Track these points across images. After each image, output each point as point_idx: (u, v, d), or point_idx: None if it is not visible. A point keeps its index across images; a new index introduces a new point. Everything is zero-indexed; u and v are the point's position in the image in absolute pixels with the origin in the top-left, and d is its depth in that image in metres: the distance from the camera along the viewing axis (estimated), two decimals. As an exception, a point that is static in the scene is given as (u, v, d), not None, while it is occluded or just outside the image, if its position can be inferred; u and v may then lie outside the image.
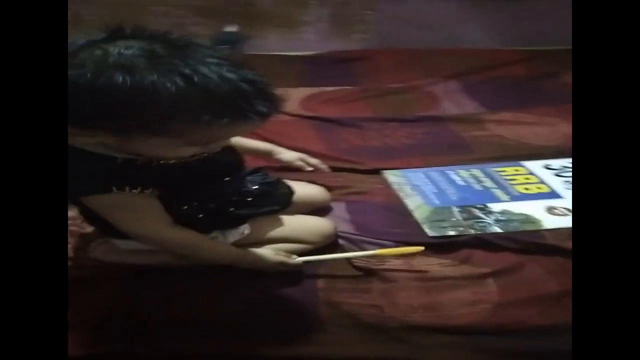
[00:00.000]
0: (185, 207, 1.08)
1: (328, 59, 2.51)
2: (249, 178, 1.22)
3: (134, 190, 0.98)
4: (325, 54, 2.56)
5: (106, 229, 1.11)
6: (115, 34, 0.87)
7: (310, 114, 1.95)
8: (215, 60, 0.85)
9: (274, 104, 0.90)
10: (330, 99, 2.09)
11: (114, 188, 0.96)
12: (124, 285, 1.12)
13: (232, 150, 1.15)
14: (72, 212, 1.28)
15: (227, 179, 1.14)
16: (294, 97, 2.08)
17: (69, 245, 1.21)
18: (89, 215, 1.12)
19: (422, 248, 1.20)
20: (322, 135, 1.80)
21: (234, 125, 0.88)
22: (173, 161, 1.00)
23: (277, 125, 1.82)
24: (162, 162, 0.99)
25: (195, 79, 0.82)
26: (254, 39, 2.70)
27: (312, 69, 2.41)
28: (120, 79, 0.80)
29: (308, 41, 2.74)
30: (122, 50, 0.83)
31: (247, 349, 0.99)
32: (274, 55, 2.54)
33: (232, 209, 1.13)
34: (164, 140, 0.89)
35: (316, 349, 0.99)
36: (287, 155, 1.37)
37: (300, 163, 1.37)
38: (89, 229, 1.23)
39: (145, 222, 1.03)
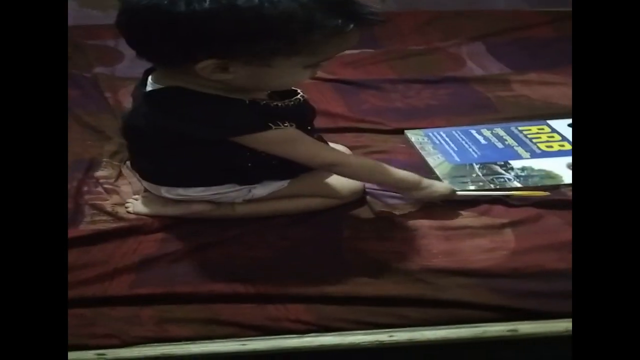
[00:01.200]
0: None
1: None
2: None
3: (286, 125, 1.17)
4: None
5: (156, 176, 1.31)
6: None
7: (331, 76, 2.09)
8: None
9: (371, 7, 1.10)
10: (351, 62, 2.23)
11: (272, 125, 1.15)
12: (163, 235, 1.30)
13: (308, 101, 1.33)
14: (104, 172, 1.47)
15: (309, 127, 1.32)
16: (313, 61, 2.23)
17: (107, 202, 1.39)
18: (146, 162, 1.32)
19: (549, 193, 1.42)
20: (344, 97, 1.95)
21: (356, 31, 1.09)
22: (281, 104, 1.21)
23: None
24: (275, 103, 1.19)
25: None
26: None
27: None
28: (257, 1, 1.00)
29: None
30: None
31: (279, 289, 1.16)
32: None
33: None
34: (299, 60, 1.09)
35: (343, 288, 1.16)
36: None
37: None
38: (123, 187, 1.43)
39: (320, 150, 1.25)
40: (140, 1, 1.02)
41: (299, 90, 1.29)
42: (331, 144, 1.50)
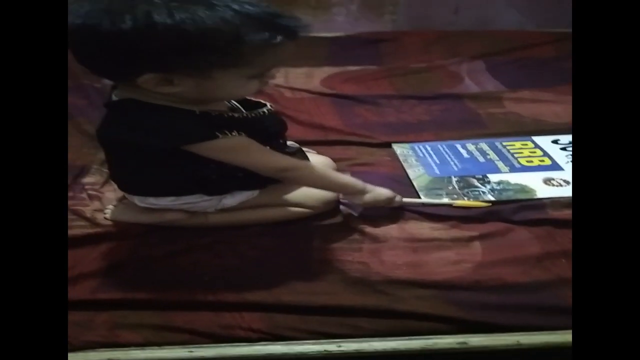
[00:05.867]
0: None
1: (355, 39, 2.62)
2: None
3: (234, 134, 1.13)
4: (353, 35, 2.66)
5: (128, 185, 1.28)
6: None
7: (330, 91, 2.07)
8: None
9: (299, 20, 1.07)
10: (352, 78, 2.20)
11: (219, 134, 1.11)
12: (135, 241, 1.27)
13: (277, 114, 1.31)
14: (91, 179, 1.44)
15: (281, 141, 1.30)
16: (316, 76, 2.21)
17: (87, 207, 1.37)
18: (118, 172, 1.29)
19: (490, 204, 1.38)
20: (339, 111, 1.92)
21: (284, 44, 1.04)
22: (238, 115, 1.18)
23: (296, 102, 1.97)
24: (230, 114, 1.16)
25: (236, 8, 0.99)
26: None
27: (338, 50, 2.52)
28: (183, 16, 0.96)
29: (338, 22, 2.85)
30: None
31: (238, 297, 1.12)
32: (303, 37, 2.65)
33: None
34: (237, 71, 1.06)
35: (300, 298, 1.12)
36: None
37: None
38: (107, 193, 1.40)
39: (271, 157, 1.21)
40: (74, 21, 0.99)
41: (267, 104, 1.26)
42: (315, 156, 1.47)
